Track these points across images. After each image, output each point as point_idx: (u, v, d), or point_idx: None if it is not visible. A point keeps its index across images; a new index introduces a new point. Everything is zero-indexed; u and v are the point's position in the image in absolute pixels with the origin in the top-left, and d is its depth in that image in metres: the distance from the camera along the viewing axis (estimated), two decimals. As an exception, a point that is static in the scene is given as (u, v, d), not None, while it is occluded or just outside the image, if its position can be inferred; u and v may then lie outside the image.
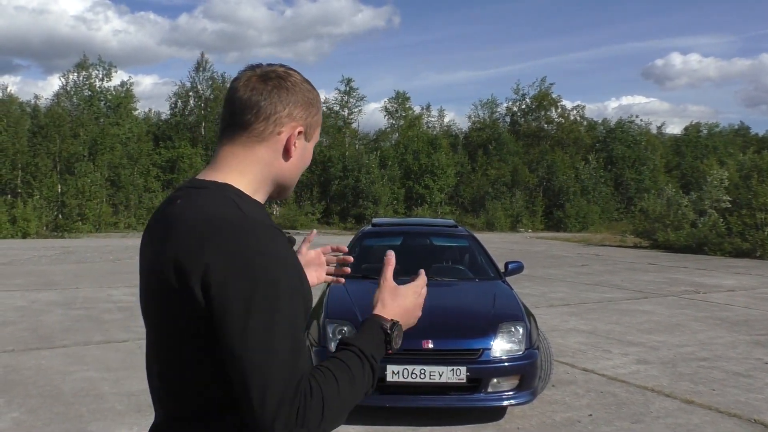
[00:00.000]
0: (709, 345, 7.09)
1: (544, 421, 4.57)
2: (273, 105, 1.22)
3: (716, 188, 22.24)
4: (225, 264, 1.06)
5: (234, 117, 1.23)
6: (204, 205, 1.14)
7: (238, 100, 1.22)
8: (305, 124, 1.27)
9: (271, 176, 1.26)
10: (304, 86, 1.28)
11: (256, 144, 1.22)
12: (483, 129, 44.98)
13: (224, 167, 1.22)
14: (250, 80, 1.23)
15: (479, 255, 6.41)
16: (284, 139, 1.24)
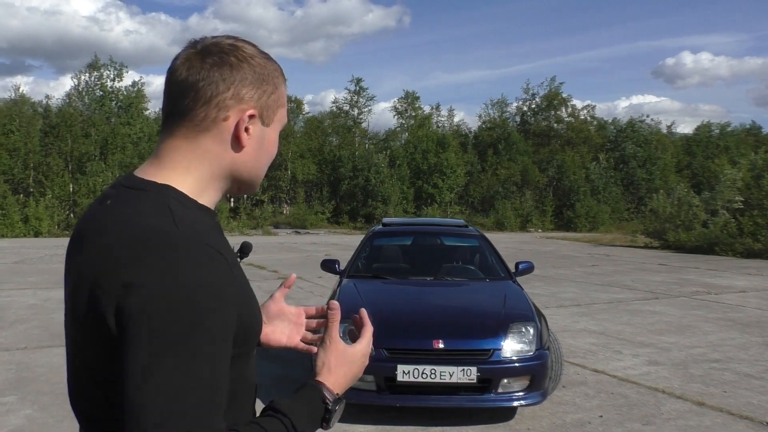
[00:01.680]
0: (720, 346, 7.05)
1: (554, 422, 4.56)
2: (214, 85, 1.01)
3: (728, 188, 22.08)
4: (144, 289, 0.88)
5: (172, 103, 1.03)
6: (134, 213, 0.97)
7: (174, 83, 1.03)
8: (258, 105, 1.05)
9: (223, 171, 1.06)
10: (255, 60, 1.05)
11: (200, 134, 1.03)
12: (493, 128, 44.88)
13: (167, 163, 1.04)
14: (188, 58, 1.03)
15: (489, 255, 6.40)
16: (232, 125, 1.03)
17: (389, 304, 5.24)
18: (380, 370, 4.32)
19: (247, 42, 1.07)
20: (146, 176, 1.03)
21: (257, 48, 1.08)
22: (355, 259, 6.32)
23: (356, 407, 4.61)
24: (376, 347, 4.41)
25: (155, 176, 1.03)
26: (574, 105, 45.63)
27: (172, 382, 0.85)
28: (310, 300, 9.74)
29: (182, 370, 0.86)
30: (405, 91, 46.24)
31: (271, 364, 6.01)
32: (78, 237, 1.04)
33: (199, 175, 1.04)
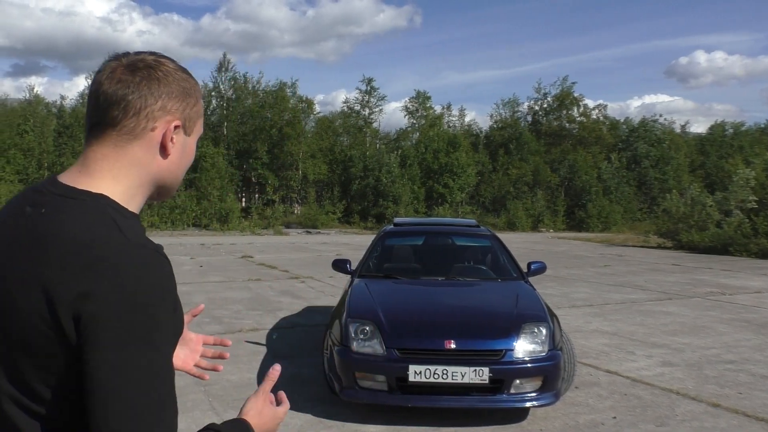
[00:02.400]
0: (735, 347, 6.98)
1: (567, 423, 4.53)
2: (143, 98, 1.07)
3: (742, 188, 21.89)
4: (103, 297, 0.93)
5: (100, 114, 1.08)
6: (79, 224, 1.00)
7: (103, 95, 1.07)
8: (182, 117, 1.12)
9: (150, 178, 1.12)
10: (179, 75, 1.13)
11: (128, 143, 1.08)
12: (504, 128, 44.78)
13: (96, 172, 1.07)
14: (115, 71, 1.08)
15: (501, 255, 6.38)
16: (159, 135, 1.10)
17: (401, 304, 5.23)
18: (392, 370, 4.32)
19: (168, 58, 1.14)
20: (76, 184, 1.06)
21: (177, 63, 1.15)
22: (366, 258, 6.32)
23: (368, 407, 4.61)
24: (387, 347, 4.40)
25: (87, 185, 1.06)
26: (586, 104, 45.46)
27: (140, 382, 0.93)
28: (321, 300, 9.76)
29: (147, 370, 0.94)
30: (416, 91, 46.27)
31: (283, 364, 6.01)
32: (11, 245, 1.04)
33: (128, 183, 1.09)
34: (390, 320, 4.63)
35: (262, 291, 10.62)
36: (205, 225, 32.03)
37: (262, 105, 38.43)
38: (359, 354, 4.45)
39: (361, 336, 4.53)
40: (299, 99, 39.92)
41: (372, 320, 4.61)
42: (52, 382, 0.99)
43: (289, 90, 39.18)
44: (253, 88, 39.85)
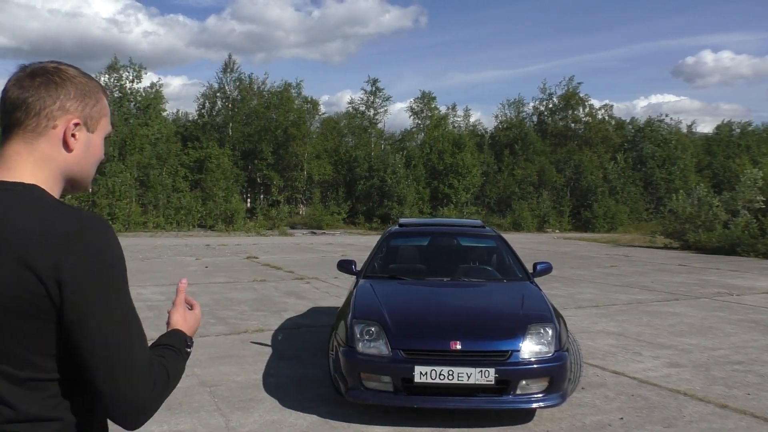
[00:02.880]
0: (743, 348, 6.93)
1: (573, 424, 4.51)
2: (42, 100, 1.22)
3: (749, 188, 21.79)
4: (80, 255, 1.12)
5: (7, 116, 1.23)
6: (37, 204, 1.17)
7: (8, 100, 1.23)
8: (82, 115, 1.26)
9: (60, 171, 1.26)
10: (77, 79, 1.27)
11: (35, 140, 1.22)
12: (509, 128, 44.71)
13: (15, 167, 1.22)
14: (19, 79, 1.24)
15: (507, 255, 6.35)
16: (60, 132, 1.24)
17: (406, 304, 5.22)
18: (397, 371, 4.30)
19: (69, 65, 1.29)
20: (4, 178, 1.20)
21: (79, 70, 1.30)
22: (371, 259, 6.30)
23: (373, 408, 4.59)
24: (393, 348, 4.39)
25: (12, 177, 1.21)
26: (591, 104, 45.31)
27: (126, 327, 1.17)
28: (326, 300, 9.75)
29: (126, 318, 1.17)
30: (421, 92, 46.23)
31: (289, 365, 6.01)
32: None
33: (43, 176, 1.23)
34: (395, 321, 4.61)
35: (267, 292, 10.62)
36: (211, 226, 32.08)
37: (267, 106, 38.48)
38: (365, 355, 4.44)
39: (366, 337, 4.51)
40: (304, 100, 39.97)
41: (377, 321, 4.59)
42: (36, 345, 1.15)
43: (294, 91, 39.24)
44: (258, 89, 39.92)
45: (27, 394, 1.15)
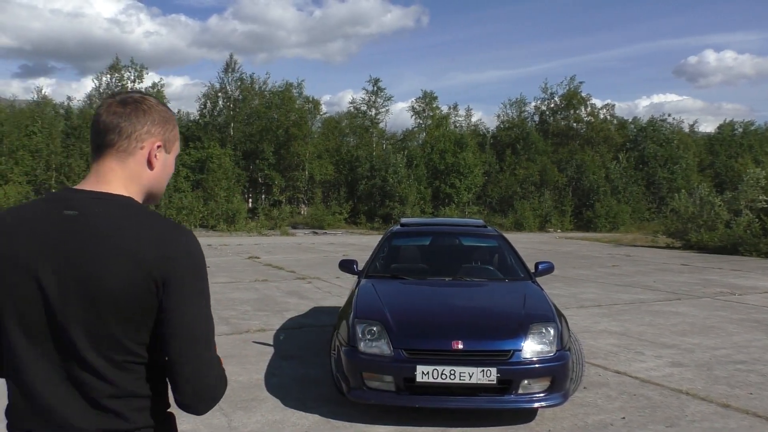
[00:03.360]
0: (745, 348, 6.92)
1: (575, 423, 4.51)
2: (132, 124, 1.43)
3: (752, 187, 21.76)
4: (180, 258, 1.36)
5: (101, 137, 1.44)
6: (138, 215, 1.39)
7: (101, 123, 1.44)
8: (163, 138, 1.49)
9: (143, 186, 1.48)
10: (159, 108, 1.49)
11: (126, 159, 1.44)
12: (511, 128, 44.65)
13: (111, 181, 1.43)
14: (111, 106, 1.44)
15: (509, 255, 6.35)
16: (146, 152, 1.46)
17: (408, 304, 5.22)
18: (399, 370, 4.30)
19: (150, 95, 1.51)
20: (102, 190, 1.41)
21: (158, 99, 1.52)
22: (373, 259, 6.30)
23: (375, 408, 4.59)
24: (395, 348, 4.39)
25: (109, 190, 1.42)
26: (593, 104, 45.24)
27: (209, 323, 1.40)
28: (328, 300, 9.75)
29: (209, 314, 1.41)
30: (423, 91, 46.23)
31: (290, 365, 6.01)
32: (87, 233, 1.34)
33: (134, 190, 1.45)
34: (397, 321, 4.61)
35: (269, 292, 10.63)
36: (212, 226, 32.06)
37: (269, 106, 38.49)
38: (367, 354, 4.44)
39: (368, 336, 4.52)
40: (306, 99, 39.95)
41: (379, 320, 4.59)
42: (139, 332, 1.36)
43: (295, 90, 39.23)
44: (260, 89, 39.92)
45: (123, 375, 1.36)
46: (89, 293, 1.32)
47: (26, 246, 1.34)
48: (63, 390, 1.36)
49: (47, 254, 1.33)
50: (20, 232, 1.36)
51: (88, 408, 1.36)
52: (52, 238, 1.34)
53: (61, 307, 1.34)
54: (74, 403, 1.36)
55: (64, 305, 1.33)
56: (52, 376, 1.36)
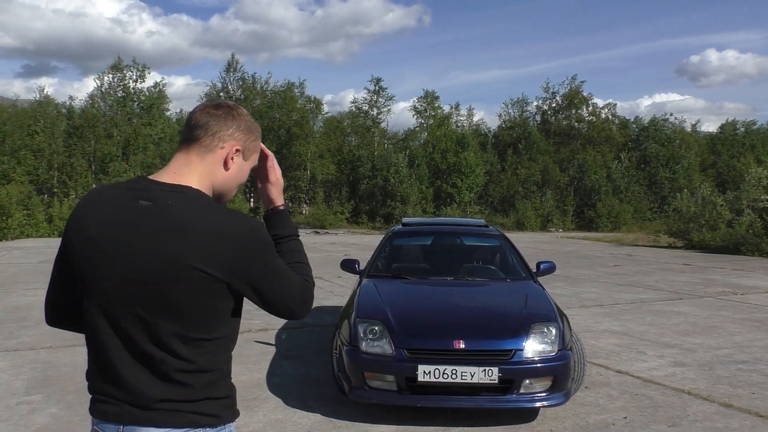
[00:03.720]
0: (747, 347, 6.92)
1: (577, 423, 4.50)
2: (219, 125, 1.57)
3: (754, 187, 21.73)
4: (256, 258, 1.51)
5: (190, 132, 1.58)
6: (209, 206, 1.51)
7: (194, 120, 1.59)
8: (243, 145, 1.62)
9: (215, 183, 1.60)
10: (248, 118, 1.64)
11: (206, 154, 1.57)
12: (513, 128, 44.65)
13: (185, 174, 1.56)
14: (206, 107, 1.61)
15: (510, 255, 6.35)
16: (224, 153, 1.58)
17: (410, 304, 5.21)
18: (401, 370, 4.30)
19: (241, 107, 1.66)
20: (174, 181, 1.54)
21: (247, 112, 1.66)
22: (374, 258, 6.31)
23: (377, 407, 4.60)
24: (396, 347, 4.39)
25: (181, 181, 1.54)
26: (595, 104, 45.22)
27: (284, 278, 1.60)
28: (330, 300, 9.75)
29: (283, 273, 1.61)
30: (424, 91, 46.20)
31: (292, 365, 6.02)
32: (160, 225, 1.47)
33: (204, 186, 1.57)
34: (399, 320, 4.61)
35: (270, 291, 10.61)
36: (214, 225, 32.04)
37: (271, 105, 38.51)
38: (368, 354, 4.44)
39: (370, 336, 4.52)
40: (307, 99, 39.97)
41: (381, 320, 4.59)
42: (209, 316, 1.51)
43: (297, 90, 39.26)
44: (262, 89, 39.95)
45: (194, 351, 1.51)
46: (161, 282, 1.45)
47: (103, 234, 1.49)
48: (134, 361, 1.51)
49: (122, 243, 1.48)
50: (100, 217, 1.51)
51: (156, 379, 1.50)
52: (126, 227, 1.48)
53: (137, 293, 1.47)
54: (143, 373, 1.50)
55: (139, 290, 1.47)
56: (126, 348, 1.51)
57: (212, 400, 1.56)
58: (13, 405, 4.76)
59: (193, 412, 1.53)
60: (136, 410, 1.51)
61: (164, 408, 1.51)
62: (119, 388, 1.52)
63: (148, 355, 1.50)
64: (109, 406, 1.54)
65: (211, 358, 1.55)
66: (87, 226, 1.51)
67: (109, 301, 1.50)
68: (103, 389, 1.55)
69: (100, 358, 1.55)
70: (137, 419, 1.51)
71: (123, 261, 1.47)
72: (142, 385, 1.50)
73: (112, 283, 1.49)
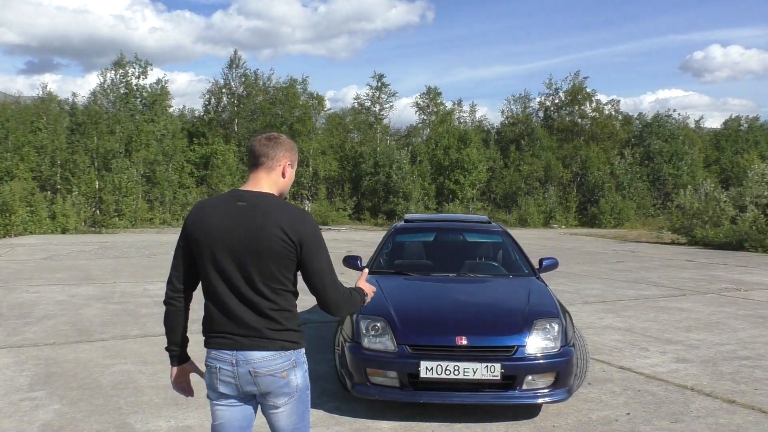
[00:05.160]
0: (750, 344, 6.90)
1: (580, 419, 4.50)
2: (274, 152, 2.39)
3: (757, 183, 21.67)
4: (311, 232, 2.30)
5: (256, 160, 2.39)
6: (283, 204, 2.34)
7: (256, 151, 2.39)
8: (291, 160, 2.45)
9: (279, 187, 2.42)
10: (288, 142, 2.45)
11: (270, 172, 2.39)
12: (516, 124, 44.56)
13: (263, 185, 2.38)
14: (261, 140, 2.42)
15: (513, 251, 6.34)
16: (281, 168, 2.41)
17: (412, 300, 5.21)
18: (403, 366, 4.30)
19: (282, 135, 2.47)
20: (257, 189, 2.36)
21: (288, 137, 2.47)
22: (377, 255, 6.30)
23: (380, 403, 4.60)
24: (399, 343, 4.39)
25: (261, 189, 2.36)
26: (598, 100, 45.09)
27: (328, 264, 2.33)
28: (333, 296, 9.73)
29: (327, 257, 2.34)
30: (427, 87, 46.11)
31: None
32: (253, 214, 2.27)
33: (274, 190, 2.39)
34: (401, 316, 4.61)
35: (273, 287, 10.62)
36: (217, 222, 32.03)
37: (273, 102, 38.48)
38: (370, 350, 4.44)
39: (372, 332, 4.51)
40: (310, 95, 39.93)
41: (383, 316, 4.59)
42: (285, 273, 2.28)
43: (299, 86, 39.22)
44: (264, 85, 39.90)
45: (278, 297, 2.30)
46: (256, 249, 2.24)
47: (218, 223, 2.28)
48: (241, 305, 2.28)
49: (231, 227, 2.27)
50: (214, 214, 2.30)
51: (257, 316, 2.28)
52: (233, 218, 2.28)
53: (241, 259, 2.26)
54: (247, 313, 2.28)
55: (242, 257, 2.25)
56: (235, 296, 2.28)
57: (292, 332, 2.33)
58: (17, 401, 4.77)
59: (282, 339, 2.30)
60: (245, 339, 2.27)
61: (264, 336, 2.28)
62: (232, 325, 2.28)
63: (249, 299, 2.27)
64: (225, 339, 2.29)
65: (288, 301, 2.32)
66: (205, 222, 2.29)
67: (224, 265, 2.27)
68: (219, 328, 2.30)
69: (217, 305, 2.30)
70: (245, 346, 2.28)
71: (232, 238, 2.26)
72: (247, 322, 2.27)
73: (226, 253, 2.27)
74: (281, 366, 2.28)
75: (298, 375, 2.35)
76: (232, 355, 2.27)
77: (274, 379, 2.28)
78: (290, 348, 2.31)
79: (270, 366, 2.27)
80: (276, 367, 2.28)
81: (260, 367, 2.26)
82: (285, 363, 2.29)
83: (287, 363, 2.30)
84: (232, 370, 2.28)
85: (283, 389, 2.30)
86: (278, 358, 2.28)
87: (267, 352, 2.27)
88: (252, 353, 2.26)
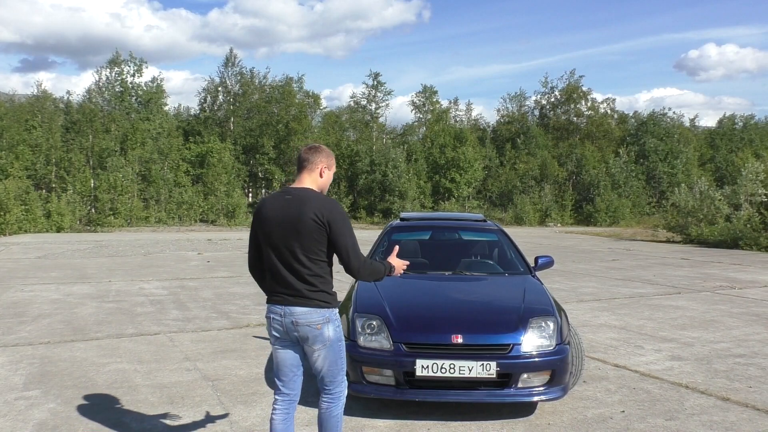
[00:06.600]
0: (745, 341, 6.93)
1: (575, 417, 4.51)
2: (315, 157, 3.17)
3: (752, 182, 21.75)
4: (337, 215, 3.04)
5: (301, 164, 3.17)
6: (320, 196, 3.11)
7: (302, 157, 3.18)
8: (328, 164, 3.21)
9: (318, 185, 3.18)
10: (326, 150, 3.23)
11: (312, 173, 3.17)
12: (511, 122, 44.61)
13: (304, 183, 3.15)
14: (306, 149, 3.19)
15: (509, 249, 6.35)
16: (320, 169, 3.18)
17: (408, 298, 5.21)
18: (399, 364, 4.31)
19: (324, 145, 3.28)
20: (301, 185, 3.15)
21: (327, 147, 3.30)
22: (372, 253, 6.30)
23: (376, 402, 4.60)
24: (394, 342, 4.39)
25: (304, 185, 3.15)
26: (594, 98, 45.16)
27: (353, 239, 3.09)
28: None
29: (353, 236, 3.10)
30: (423, 86, 46.12)
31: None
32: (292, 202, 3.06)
33: (314, 186, 3.17)
34: (397, 315, 4.61)
35: (269, 286, 10.61)
36: (212, 220, 32.07)
37: (269, 100, 38.43)
38: (366, 349, 4.44)
39: (368, 331, 4.52)
40: (306, 94, 39.89)
41: (379, 315, 4.59)
42: (319, 246, 3.04)
43: (295, 85, 39.17)
44: (260, 83, 39.85)
45: (315, 266, 3.05)
46: (297, 228, 3.00)
47: (271, 213, 3.08)
48: (287, 272, 3.06)
49: (279, 215, 3.05)
50: (269, 206, 3.11)
51: (298, 281, 3.04)
52: (281, 207, 3.06)
53: (286, 237, 3.03)
54: (291, 278, 3.05)
55: (288, 235, 3.03)
56: (283, 265, 3.06)
57: (326, 293, 3.07)
58: (12, 400, 4.76)
59: (317, 299, 3.04)
60: (290, 297, 3.05)
61: (303, 296, 3.04)
62: (281, 287, 3.07)
63: (293, 267, 3.04)
64: (278, 296, 3.09)
65: (322, 269, 3.07)
66: (263, 213, 3.11)
67: (276, 242, 3.05)
68: (273, 289, 3.11)
69: (271, 273, 3.10)
70: (290, 302, 3.06)
71: (281, 221, 3.03)
72: (292, 284, 3.04)
73: (276, 234, 3.05)
74: (316, 320, 3.03)
75: (329, 329, 3.08)
76: (281, 309, 3.08)
77: (311, 329, 3.04)
78: (324, 306, 3.05)
79: (307, 318, 3.03)
80: (312, 320, 3.03)
81: (300, 318, 3.03)
82: (319, 318, 3.04)
83: (321, 318, 3.04)
84: (281, 320, 3.08)
85: (318, 338, 3.06)
86: (314, 313, 3.03)
87: (305, 309, 3.03)
88: (294, 308, 3.04)
